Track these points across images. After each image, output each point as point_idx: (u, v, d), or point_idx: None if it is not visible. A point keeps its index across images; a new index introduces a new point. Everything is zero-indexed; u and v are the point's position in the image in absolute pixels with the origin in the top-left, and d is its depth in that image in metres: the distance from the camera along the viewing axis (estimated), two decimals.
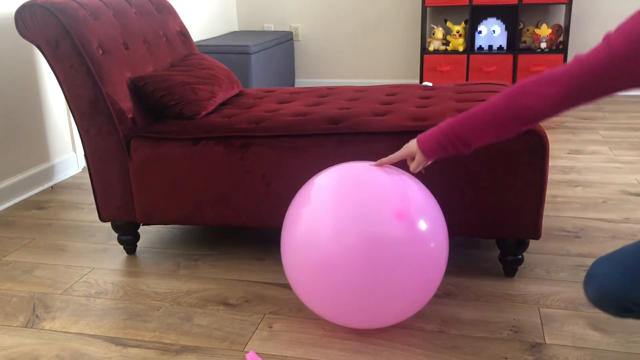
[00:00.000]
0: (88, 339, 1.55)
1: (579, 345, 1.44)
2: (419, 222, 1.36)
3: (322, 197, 1.40)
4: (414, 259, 1.34)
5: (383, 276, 1.32)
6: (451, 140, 1.32)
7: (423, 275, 1.37)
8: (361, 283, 1.33)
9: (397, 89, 2.23)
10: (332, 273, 1.34)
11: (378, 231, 1.32)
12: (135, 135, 1.85)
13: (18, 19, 1.78)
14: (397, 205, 1.35)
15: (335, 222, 1.34)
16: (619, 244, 1.95)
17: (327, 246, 1.34)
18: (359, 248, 1.31)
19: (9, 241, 2.18)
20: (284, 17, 4.63)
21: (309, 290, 1.42)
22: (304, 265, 1.38)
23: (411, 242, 1.34)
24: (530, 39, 4.16)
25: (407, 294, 1.37)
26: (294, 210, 1.45)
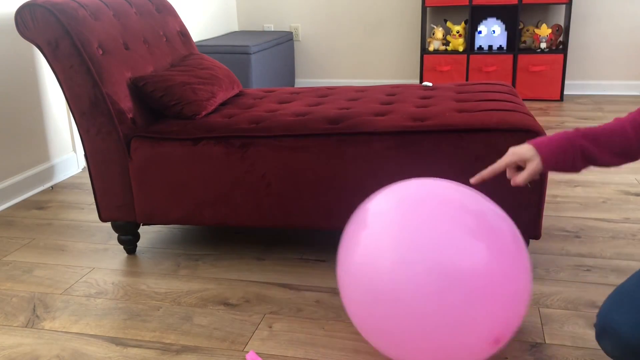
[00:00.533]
0: (88, 339, 1.55)
1: (579, 345, 1.44)
2: (498, 250, 1.17)
3: (383, 219, 1.22)
4: (491, 294, 1.14)
5: (454, 313, 1.13)
6: (577, 149, 1.17)
7: (500, 315, 1.17)
8: (427, 319, 1.15)
9: (397, 89, 2.23)
10: (393, 307, 1.17)
11: (448, 260, 1.14)
12: (135, 135, 1.85)
13: (18, 19, 1.78)
14: None
15: (398, 249, 1.17)
16: (619, 244, 1.95)
17: (388, 276, 1.17)
18: (426, 279, 1.14)
19: (9, 241, 2.18)
20: (284, 17, 4.63)
21: (368, 325, 1.26)
22: (362, 296, 1.22)
23: (488, 274, 1.14)
24: (530, 39, 4.16)
25: (480, 335, 1.17)
26: (351, 234, 1.28)
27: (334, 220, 1.80)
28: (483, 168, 1.66)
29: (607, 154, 1.18)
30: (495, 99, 1.93)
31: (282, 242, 2.07)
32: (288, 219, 1.83)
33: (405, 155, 1.70)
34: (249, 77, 3.73)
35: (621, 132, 1.18)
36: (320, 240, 2.06)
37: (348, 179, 1.75)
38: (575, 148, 1.18)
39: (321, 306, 1.66)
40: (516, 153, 1.23)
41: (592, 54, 4.19)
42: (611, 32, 4.11)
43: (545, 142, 1.21)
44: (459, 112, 1.81)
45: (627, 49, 4.13)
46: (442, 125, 1.70)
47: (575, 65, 4.23)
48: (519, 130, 1.64)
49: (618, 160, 1.19)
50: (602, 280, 1.73)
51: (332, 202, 1.78)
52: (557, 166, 1.20)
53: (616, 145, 1.17)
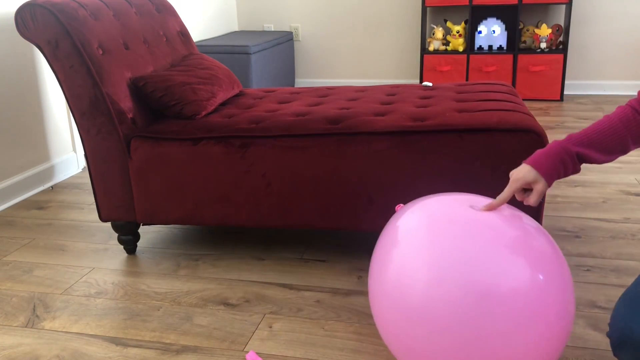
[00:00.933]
0: (88, 339, 1.55)
1: (579, 345, 1.44)
2: (540, 271, 1.11)
3: (415, 237, 1.19)
4: (531, 318, 1.08)
5: (489, 336, 1.08)
6: (574, 157, 1.19)
7: (541, 340, 1.10)
8: (462, 342, 1.10)
9: (397, 89, 2.23)
10: (427, 328, 1.13)
11: (485, 281, 1.08)
12: (135, 135, 1.85)
13: (18, 19, 1.78)
14: None
15: (432, 268, 1.13)
16: (619, 243, 1.95)
17: (422, 295, 1.13)
18: (461, 299, 1.09)
19: (9, 241, 2.18)
20: (284, 17, 4.63)
21: (401, 345, 1.21)
22: (395, 316, 1.18)
23: (528, 296, 1.08)
24: (530, 39, 4.16)
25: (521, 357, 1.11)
26: (382, 252, 1.25)
27: (334, 220, 1.80)
28: (482, 167, 1.66)
29: (603, 155, 1.20)
30: (495, 99, 1.93)
31: (282, 242, 2.07)
32: (288, 219, 1.83)
33: (405, 155, 1.70)
34: (249, 77, 3.73)
35: (613, 130, 1.19)
36: (320, 240, 2.06)
37: (348, 179, 1.75)
38: (572, 156, 1.19)
39: (321, 306, 1.66)
40: (519, 179, 1.23)
41: (592, 54, 4.19)
42: (611, 32, 4.11)
43: (542, 159, 1.21)
44: (459, 112, 1.81)
45: (627, 49, 4.13)
46: (442, 125, 1.70)
47: (575, 65, 4.23)
48: (519, 130, 1.64)
49: (613, 157, 1.22)
50: (602, 280, 1.73)
51: (332, 202, 1.78)
52: (560, 177, 1.22)
53: (610, 145, 1.19)
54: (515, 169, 1.25)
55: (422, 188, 1.72)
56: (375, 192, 1.74)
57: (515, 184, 1.23)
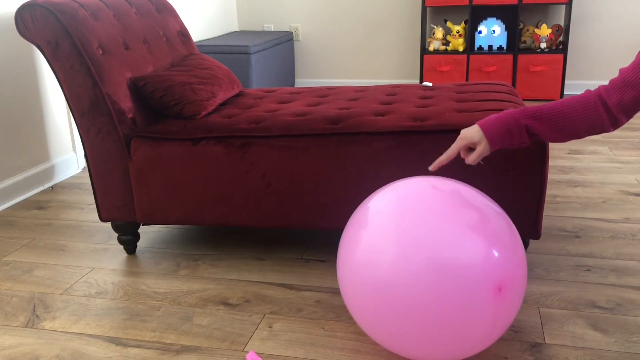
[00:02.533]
0: (88, 339, 1.56)
1: (578, 345, 1.44)
2: (493, 245, 1.20)
3: (383, 217, 1.26)
4: (486, 288, 1.18)
5: (449, 308, 1.18)
6: (522, 128, 1.27)
7: (496, 308, 1.21)
8: (426, 313, 1.19)
9: (397, 89, 2.23)
10: (393, 301, 1.21)
11: (446, 256, 1.17)
12: (135, 135, 1.85)
13: (18, 19, 1.78)
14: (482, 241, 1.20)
15: (398, 246, 1.21)
16: (619, 244, 1.95)
17: (388, 272, 1.21)
18: (425, 274, 1.17)
19: (9, 241, 2.18)
20: (284, 17, 4.63)
21: (369, 319, 1.29)
22: (362, 291, 1.26)
23: (485, 269, 1.18)
24: (530, 39, 4.16)
25: (476, 328, 1.21)
26: (351, 231, 1.32)
27: (334, 220, 1.80)
28: (482, 167, 1.66)
29: (553, 132, 1.29)
30: (495, 99, 1.93)
31: (282, 242, 2.07)
32: (288, 219, 1.83)
33: (405, 155, 1.70)
34: (249, 77, 3.73)
35: (569, 113, 1.27)
36: (320, 240, 2.06)
37: (348, 179, 1.75)
38: (520, 127, 1.28)
39: (321, 306, 1.66)
40: (465, 137, 1.33)
41: (592, 54, 4.19)
42: (611, 32, 4.11)
43: (491, 124, 1.30)
44: (459, 112, 1.81)
45: (627, 49, 4.12)
46: (442, 125, 1.70)
47: (575, 65, 4.23)
48: None
49: (565, 138, 1.30)
50: (602, 280, 1.73)
51: (332, 202, 1.78)
52: (504, 145, 1.30)
53: (561, 125, 1.27)
54: (466, 128, 1.34)
55: None
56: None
57: (461, 141, 1.33)
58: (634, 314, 1.56)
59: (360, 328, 1.54)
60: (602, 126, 1.26)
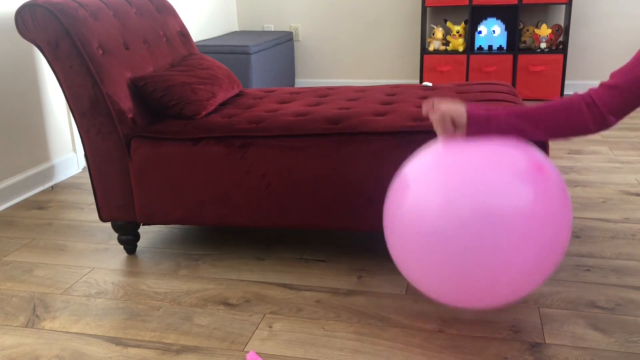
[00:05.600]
0: (88, 339, 1.56)
1: (578, 345, 1.44)
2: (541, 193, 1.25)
3: (429, 169, 1.33)
4: (532, 235, 1.23)
5: (495, 252, 1.22)
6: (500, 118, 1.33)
7: (540, 253, 1.26)
8: (471, 259, 1.23)
9: (397, 89, 2.23)
10: (440, 248, 1.25)
11: (492, 202, 1.22)
12: (135, 135, 1.85)
13: (18, 19, 1.78)
14: (532, 158, 1.27)
15: (445, 193, 1.26)
16: (619, 244, 1.95)
17: (436, 219, 1.25)
18: (470, 220, 1.22)
19: (9, 241, 2.18)
20: (284, 17, 4.63)
21: (416, 268, 1.34)
22: (411, 239, 1.31)
23: (531, 216, 1.23)
24: (530, 39, 4.16)
25: (519, 272, 1.27)
26: (398, 185, 1.37)
27: (333, 220, 1.80)
28: None
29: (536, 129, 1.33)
30: (495, 99, 1.93)
31: (282, 242, 2.07)
32: (288, 219, 1.83)
33: (405, 155, 1.70)
34: (249, 77, 3.73)
35: (552, 113, 1.31)
36: (320, 240, 2.06)
37: (348, 179, 1.75)
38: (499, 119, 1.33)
39: (321, 306, 1.66)
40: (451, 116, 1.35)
41: (592, 54, 4.19)
42: (611, 32, 4.11)
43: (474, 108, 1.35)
44: None
45: (627, 49, 4.12)
46: None
47: (575, 65, 4.23)
48: None
49: (546, 135, 1.35)
50: (602, 280, 1.73)
51: (331, 202, 1.78)
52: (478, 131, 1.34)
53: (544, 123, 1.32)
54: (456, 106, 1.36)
55: None
56: (375, 192, 1.74)
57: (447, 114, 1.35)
58: (634, 314, 1.56)
59: (362, 327, 1.54)
60: (586, 128, 1.30)
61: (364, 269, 1.85)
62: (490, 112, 1.36)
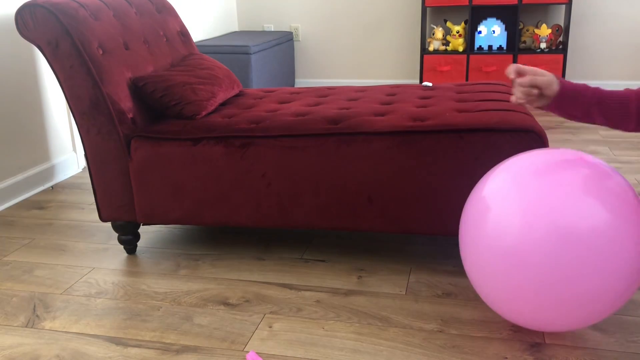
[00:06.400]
0: (88, 339, 1.56)
1: (578, 345, 1.44)
2: (618, 212, 1.24)
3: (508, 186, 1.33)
4: (610, 257, 1.23)
5: (573, 273, 1.23)
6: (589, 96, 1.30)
7: (617, 276, 1.25)
8: (549, 280, 1.24)
9: (397, 89, 2.23)
10: (518, 267, 1.26)
11: (569, 222, 1.23)
12: (136, 135, 1.85)
13: (18, 19, 1.78)
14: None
15: (523, 213, 1.27)
16: None
17: (514, 238, 1.27)
18: (548, 240, 1.23)
19: (9, 241, 2.19)
20: (284, 17, 4.63)
21: (493, 287, 1.36)
22: (491, 259, 1.32)
23: (608, 236, 1.23)
24: (530, 39, 4.16)
25: (598, 295, 1.26)
26: (477, 206, 1.38)
27: (333, 220, 1.80)
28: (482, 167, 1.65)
29: (603, 119, 1.32)
30: (495, 99, 1.93)
31: (282, 242, 2.07)
32: (288, 219, 1.83)
33: (405, 155, 1.70)
34: (249, 77, 3.73)
35: (624, 102, 1.29)
36: (320, 240, 2.06)
37: (348, 178, 1.75)
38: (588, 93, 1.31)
39: (321, 306, 1.66)
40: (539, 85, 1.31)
41: (592, 54, 4.19)
42: (611, 32, 4.11)
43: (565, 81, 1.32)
44: (459, 112, 1.81)
45: (627, 49, 4.13)
46: (442, 125, 1.70)
47: (575, 65, 4.23)
48: (519, 130, 1.64)
49: (610, 124, 1.33)
50: None
51: (331, 202, 1.78)
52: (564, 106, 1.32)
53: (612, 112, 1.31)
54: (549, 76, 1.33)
55: (422, 188, 1.72)
56: (375, 192, 1.74)
57: (544, 76, 1.31)
58: (634, 314, 1.56)
59: (362, 327, 1.54)
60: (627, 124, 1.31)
61: (364, 269, 1.85)
62: (579, 87, 1.31)
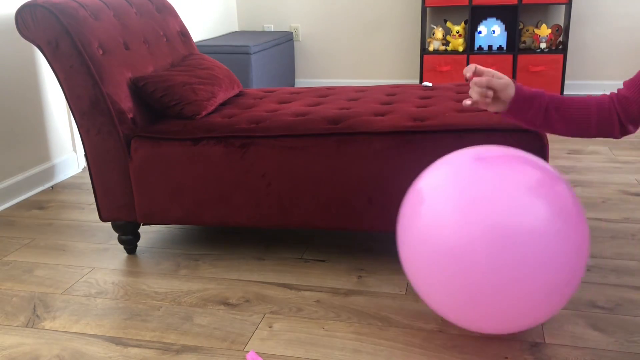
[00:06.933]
0: (88, 339, 1.56)
1: (578, 345, 1.44)
2: (555, 212, 1.21)
3: (443, 185, 1.29)
4: (547, 255, 1.18)
5: (510, 272, 1.18)
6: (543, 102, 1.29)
7: (555, 275, 1.21)
8: (485, 278, 1.20)
9: (397, 89, 2.23)
10: (454, 266, 1.22)
11: (507, 221, 1.19)
12: (136, 135, 1.85)
13: (18, 19, 1.78)
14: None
15: (459, 211, 1.23)
16: (619, 244, 1.95)
17: (450, 237, 1.23)
18: (484, 238, 1.19)
19: (9, 241, 2.19)
20: (284, 17, 4.63)
21: (428, 286, 1.32)
22: (423, 257, 1.28)
23: (545, 235, 1.19)
24: (530, 39, 4.16)
25: (535, 296, 1.22)
26: (412, 202, 1.34)
27: (334, 220, 1.80)
28: None
29: (563, 123, 1.30)
30: None
31: (282, 242, 2.07)
32: (288, 219, 1.83)
33: (405, 155, 1.70)
34: (249, 77, 3.73)
35: (585, 108, 1.28)
36: (320, 240, 2.06)
37: (348, 179, 1.75)
38: (543, 98, 1.29)
39: (321, 306, 1.66)
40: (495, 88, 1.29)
41: (592, 54, 4.19)
42: (611, 32, 4.11)
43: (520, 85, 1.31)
44: (458, 112, 1.81)
45: (627, 49, 4.13)
46: (442, 125, 1.70)
47: (575, 65, 4.23)
48: (519, 130, 1.64)
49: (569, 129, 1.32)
50: (602, 280, 1.73)
51: (331, 202, 1.78)
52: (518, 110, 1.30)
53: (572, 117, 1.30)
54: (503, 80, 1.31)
55: None
56: (375, 192, 1.74)
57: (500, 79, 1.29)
58: (634, 313, 1.56)
59: (362, 327, 1.54)
60: (611, 130, 1.29)
61: (364, 269, 1.85)
62: (535, 91, 1.31)
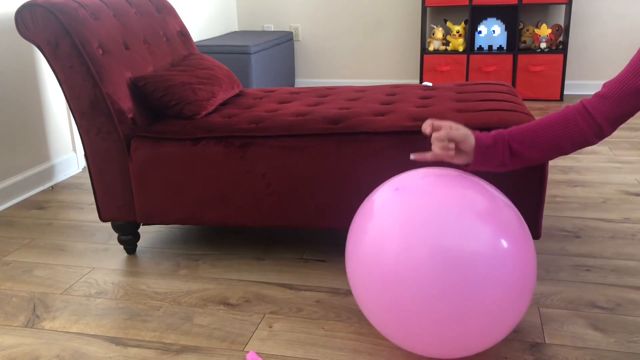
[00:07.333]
0: (88, 339, 1.56)
1: (578, 345, 1.44)
2: (501, 235, 1.20)
3: (389, 208, 1.27)
4: (494, 278, 1.17)
5: (455, 295, 1.17)
6: (505, 141, 1.30)
7: (503, 297, 1.19)
8: (431, 302, 1.18)
9: (397, 89, 2.23)
10: (398, 289, 1.21)
11: (451, 244, 1.17)
12: (136, 135, 1.85)
13: (18, 19, 1.78)
14: None
15: (404, 235, 1.21)
16: (619, 243, 1.95)
17: (394, 260, 1.21)
18: (429, 263, 1.17)
19: (9, 241, 2.18)
20: (284, 17, 4.63)
21: (373, 308, 1.30)
22: (369, 279, 1.26)
23: (491, 258, 1.17)
24: (530, 39, 4.16)
25: (484, 319, 1.20)
26: (358, 224, 1.33)
27: (333, 220, 1.80)
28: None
29: (533, 151, 1.31)
30: (495, 99, 1.93)
31: (282, 242, 2.07)
32: (288, 219, 1.83)
33: (405, 155, 1.70)
34: (249, 77, 3.73)
35: (548, 129, 1.30)
36: (320, 240, 2.06)
37: (348, 179, 1.75)
38: (505, 142, 1.31)
39: (321, 306, 1.66)
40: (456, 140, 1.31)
41: (592, 54, 4.19)
42: (611, 32, 4.11)
43: (480, 133, 1.32)
44: (459, 112, 1.81)
45: (627, 49, 4.13)
46: None
47: (575, 65, 4.23)
48: None
49: (545, 155, 1.32)
50: (602, 280, 1.73)
51: (331, 202, 1.78)
52: (484, 158, 1.32)
53: (541, 142, 1.30)
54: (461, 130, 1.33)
55: None
56: None
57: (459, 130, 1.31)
58: (634, 314, 1.56)
59: (362, 327, 1.54)
60: (584, 139, 1.29)
61: None
62: (494, 134, 1.33)
